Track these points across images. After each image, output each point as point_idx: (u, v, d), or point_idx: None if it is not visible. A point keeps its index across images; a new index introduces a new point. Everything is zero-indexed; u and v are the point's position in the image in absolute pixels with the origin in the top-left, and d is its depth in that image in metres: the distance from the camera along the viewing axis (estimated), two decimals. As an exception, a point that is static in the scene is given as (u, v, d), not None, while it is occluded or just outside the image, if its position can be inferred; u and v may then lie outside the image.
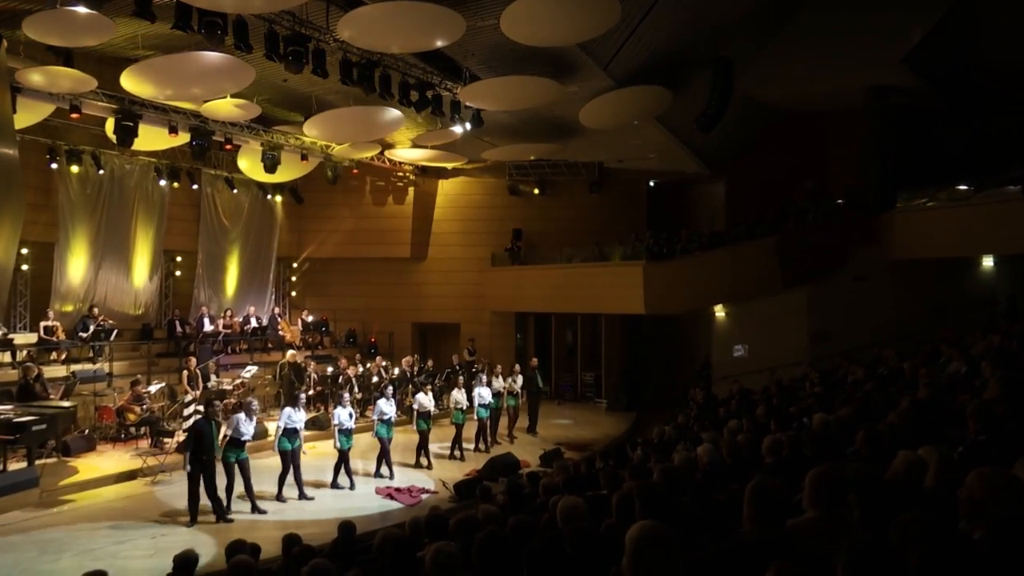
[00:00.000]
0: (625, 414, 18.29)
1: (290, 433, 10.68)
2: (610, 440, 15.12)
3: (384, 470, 12.00)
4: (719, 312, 17.89)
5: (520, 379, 15.60)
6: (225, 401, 13.62)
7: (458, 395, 13.76)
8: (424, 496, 11.05)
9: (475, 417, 14.09)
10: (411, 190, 21.09)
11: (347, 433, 11.34)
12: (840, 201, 17.55)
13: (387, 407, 12.10)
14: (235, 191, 18.79)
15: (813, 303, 16.12)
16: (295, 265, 21.63)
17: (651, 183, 21.00)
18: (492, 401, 14.45)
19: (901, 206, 15.99)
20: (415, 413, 12.99)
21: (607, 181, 20.69)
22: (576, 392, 20.82)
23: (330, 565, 4.16)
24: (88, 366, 14.52)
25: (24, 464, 10.71)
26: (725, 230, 18.30)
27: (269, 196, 19.80)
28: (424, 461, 12.81)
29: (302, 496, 10.68)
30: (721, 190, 20.10)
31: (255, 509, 10.00)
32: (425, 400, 12.99)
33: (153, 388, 13.98)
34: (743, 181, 19.03)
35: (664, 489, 3.93)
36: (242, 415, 10.05)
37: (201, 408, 9.97)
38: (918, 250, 15.23)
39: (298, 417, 10.81)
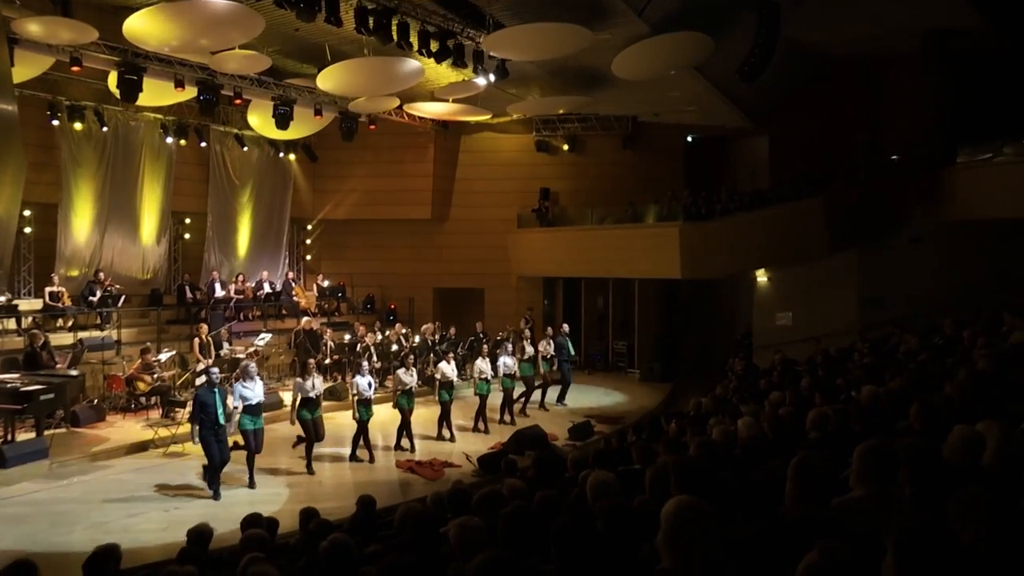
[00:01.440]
0: (659, 385, 18.29)
1: (306, 403, 10.86)
2: (643, 412, 15.15)
3: (405, 442, 12.16)
4: (761, 277, 17.73)
5: (552, 345, 15.64)
6: (235, 372, 13.82)
7: (482, 364, 13.86)
8: (447, 470, 11.17)
9: (500, 388, 14.20)
10: (432, 147, 21.01)
11: (366, 403, 11.49)
12: (895, 156, 17.21)
13: (407, 377, 12.22)
14: (245, 149, 18.85)
15: (864, 267, 15.92)
16: (310, 227, 21.75)
17: (689, 138, 20.75)
18: (522, 369, 14.56)
19: (963, 161, 15.61)
20: (437, 383, 13.12)
21: (641, 136, 20.47)
22: (607, 361, 20.85)
23: (349, 540, 4.23)
24: (95, 333, 14.78)
25: (33, 435, 11.00)
26: (769, 188, 18.04)
27: (282, 154, 19.84)
28: (447, 433, 12.94)
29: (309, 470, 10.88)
30: (765, 145, 19.80)
31: (251, 482, 10.15)
32: (447, 370, 13.06)
33: (163, 356, 14.19)
34: (789, 135, 18.67)
35: (702, 464, 3.93)
36: (238, 384, 10.25)
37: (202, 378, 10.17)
38: (981, 209, 14.90)
39: (309, 385, 10.92)
